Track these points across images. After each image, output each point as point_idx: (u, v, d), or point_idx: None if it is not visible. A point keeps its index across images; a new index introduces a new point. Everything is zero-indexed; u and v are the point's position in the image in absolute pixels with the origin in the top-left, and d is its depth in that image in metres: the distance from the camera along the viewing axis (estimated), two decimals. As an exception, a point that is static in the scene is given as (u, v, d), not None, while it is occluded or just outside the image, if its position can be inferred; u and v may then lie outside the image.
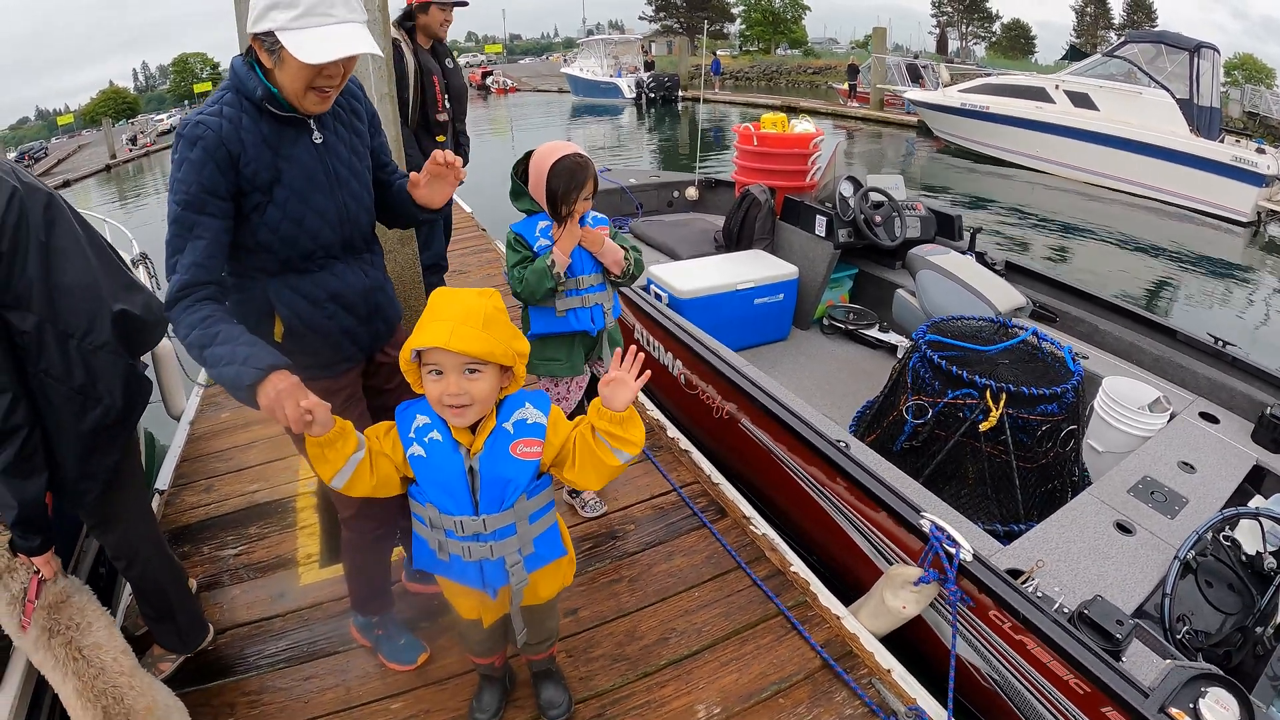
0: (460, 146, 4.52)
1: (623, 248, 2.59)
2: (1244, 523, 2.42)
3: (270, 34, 1.61)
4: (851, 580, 2.89)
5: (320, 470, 1.58)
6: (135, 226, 5.65)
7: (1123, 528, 2.49)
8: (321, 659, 2.45)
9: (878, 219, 4.53)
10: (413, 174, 1.99)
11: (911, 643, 2.54)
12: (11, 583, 1.89)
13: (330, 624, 2.58)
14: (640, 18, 63.54)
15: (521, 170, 2.56)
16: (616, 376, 1.59)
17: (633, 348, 1.63)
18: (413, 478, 1.66)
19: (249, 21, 1.64)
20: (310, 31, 1.60)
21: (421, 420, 1.64)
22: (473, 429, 1.63)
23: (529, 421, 1.65)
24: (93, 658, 1.87)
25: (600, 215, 2.62)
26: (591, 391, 2.54)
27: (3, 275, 1.70)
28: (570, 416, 2.41)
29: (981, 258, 4.35)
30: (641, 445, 1.64)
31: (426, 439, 1.62)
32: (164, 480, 3.50)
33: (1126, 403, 2.99)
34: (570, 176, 2.41)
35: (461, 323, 1.49)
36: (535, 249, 2.51)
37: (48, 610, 1.89)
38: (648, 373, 1.61)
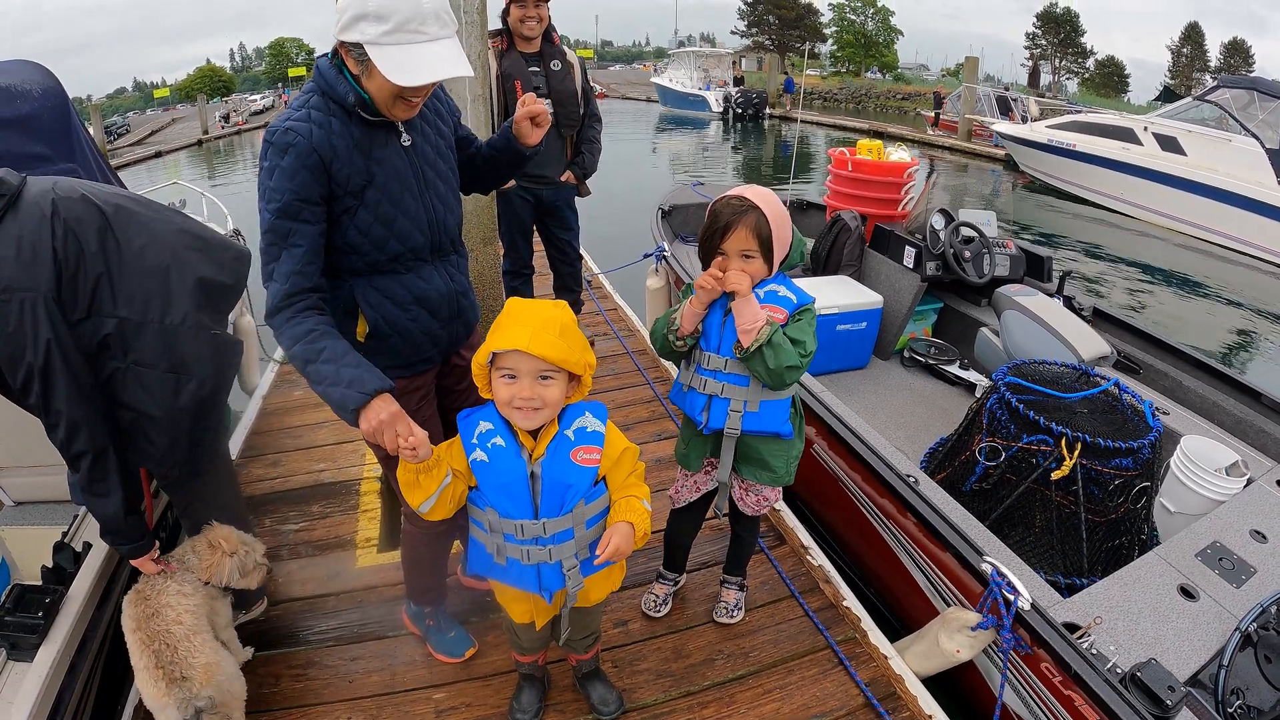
0: (579, 155, 4.04)
1: (786, 333, 1.99)
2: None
3: (359, 45, 1.58)
4: (903, 616, 2.84)
5: (411, 496, 1.60)
6: (223, 201, 5.83)
7: (1186, 592, 2.39)
8: (370, 641, 2.50)
9: (967, 254, 4.43)
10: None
11: (956, 686, 2.48)
12: None
13: (382, 608, 2.63)
14: (732, 32, 63.20)
15: None
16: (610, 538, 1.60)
17: (611, 546, 1.57)
18: (474, 484, 1.68)
19: (335, 27, 1.60)
20: (401, 49, 1.57)
21: (485, 426, 1.65)
22: (533, 435, 1.65)
23: (589, 430, 1.67)
24: (152, 597, 1.97)
25: (796, 297, 2.07)
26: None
27: (70, 293, 1.72)
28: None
29: (1069, 302, 4.23)
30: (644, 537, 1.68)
31: (490, 444, 1.64)
32: (233, 451, 3.59)
33: (1203, 464, 2.86)
34: (713, 216, 1.97)
35: (541, 329, 1.51)
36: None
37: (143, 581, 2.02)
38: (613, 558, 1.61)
